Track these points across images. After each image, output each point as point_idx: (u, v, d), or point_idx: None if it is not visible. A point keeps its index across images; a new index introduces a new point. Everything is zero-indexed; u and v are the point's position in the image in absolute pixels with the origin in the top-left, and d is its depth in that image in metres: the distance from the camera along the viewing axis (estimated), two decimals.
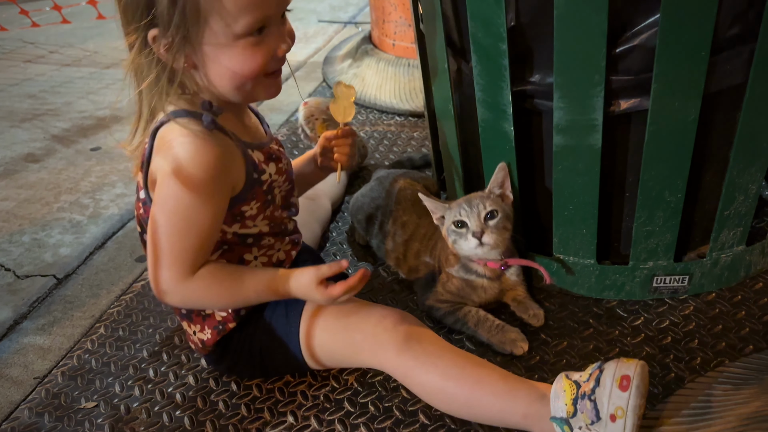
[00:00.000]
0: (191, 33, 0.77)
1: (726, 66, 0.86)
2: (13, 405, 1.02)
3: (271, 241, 0.94)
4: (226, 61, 0.80)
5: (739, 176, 0.96)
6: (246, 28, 0.78)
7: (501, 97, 0.96)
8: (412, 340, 0.86)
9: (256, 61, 0.80)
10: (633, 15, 0.84)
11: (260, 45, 0.80)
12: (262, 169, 0.88)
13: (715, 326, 1.00)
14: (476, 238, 0.96)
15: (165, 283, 0.83)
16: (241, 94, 0.84)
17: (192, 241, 0.82)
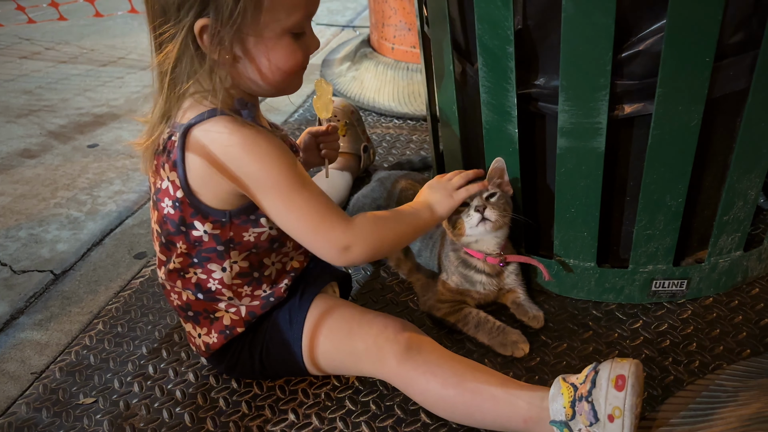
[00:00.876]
0: (243, 25, 0.77)
1: (729, 72, 0.87)
2: (10, 400, 1.01)
3: (289, 249, 0.95)
4: (271, 55, 0.81)
5: (738, 181, 0.98)
6: (295, 25, 0.80)
7: (506, 100, 0.96)
8: (413, 349, 0.87)
9: (297, 58, 0.82)
10: (639, 20, 0.85)
11: (301, 42, 0.82)
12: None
13: (712, 330, 1.01)
14: (479, 212, 0.98)
15: (342, 239, 0.83)
16: (276, 89, 0.85)
17: (325, 198, 0.84)
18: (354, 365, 0.92)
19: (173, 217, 0.86)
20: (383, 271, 1.21)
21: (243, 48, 0.79)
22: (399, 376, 0.88)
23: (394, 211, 0.93)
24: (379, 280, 1.19)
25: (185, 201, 0.84)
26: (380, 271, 1.21)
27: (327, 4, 2.97)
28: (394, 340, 0.87)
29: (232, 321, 0.93)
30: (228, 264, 0.90)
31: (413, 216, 0.93)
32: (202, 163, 0.81)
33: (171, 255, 0.90)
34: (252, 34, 0.78)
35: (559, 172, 0.98)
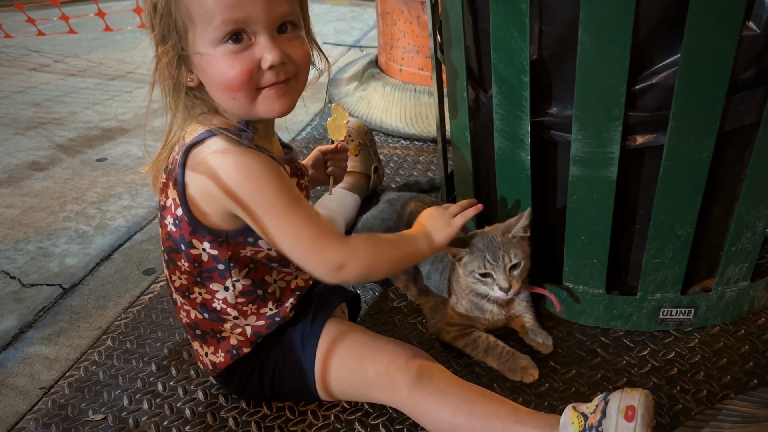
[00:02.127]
0: (182, 43, 0.79)
1: (741, 106, 0.89)
2: (18, 415, 1.01)
3: (292, 268, 0.95)
4: (209, 70, 0.79)
5: (747, 213, 0.99)
6: (222, 29, 0.77)
7: (519, 127, 0.98)
8: (423, 377, 0.88)
9: (233, 70, 0.78)
10: (653, 54, 0.87)
11: (241, 54, 0.78)
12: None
13: (720, 359, 1.02)
14: (503, 291, 0.99)
15: (336, 257, 0.83)
16: (237, 108, 0.83)
17: (320, 218, 0.84)
18: (365, 392, 0.93)
19: (175, 235, 0.88)
20: (392, 293, 1.22)
21: (196, 68, 0.81)
22: (410, 404, 0.89)
23: (393, 236, 0.94)
24: (387, 301, 1.20)
25: (184, 219, 0.85)
26: (389, 293, 1.22)
27: (334, 23, 3.00)
28: (405, 368, 0.88)
29: (239, 341, 0.94)
30: (230, 283, 0.90)
31: (411, 242, 0.94)
32: (200, 182, 0.83)
33: (175, 272, 0.92)
34: (193, 51, 0.79)
35: (571, 199, 1.00)
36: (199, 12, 0.77)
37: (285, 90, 0.82)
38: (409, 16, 1.94)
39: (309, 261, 0.84)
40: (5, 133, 2.01)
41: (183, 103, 0.83)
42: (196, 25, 0.77)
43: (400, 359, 0.89)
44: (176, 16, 0.77)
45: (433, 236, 0.95)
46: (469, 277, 1.01)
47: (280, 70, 0.80)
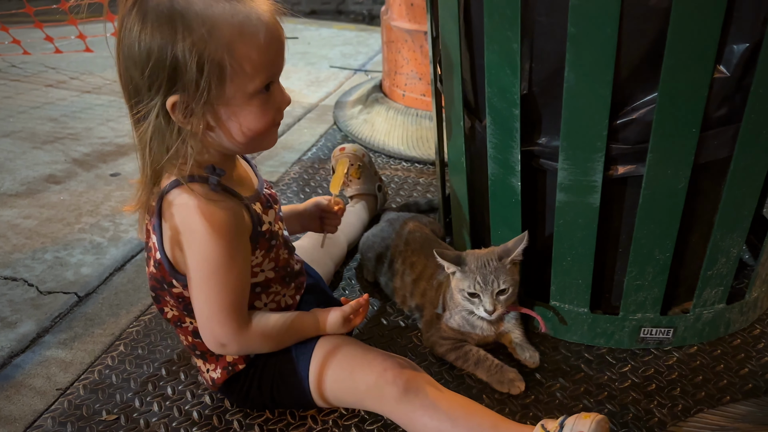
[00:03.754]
0: (211, 96, 0.82)
1: (714, 141, 0.96)
2: (36, 413, 1.08)
3: (278, 288, 1.02)
4: (241, 119, 0.86)
5: (722, 240, 1.06)
6: (259, 88, 0.84)
7: (511, 155, 1.06)
8: (411, 392, 0.93)
9: (267, 117, 0.87)
10: (633, 92, 0.95)
11: (269, 101, 0.87)
12: (263, 220, 0.95)
13: (696, 377, 1.09)
14: (487, 313, 1.06)
15: (223, 337, 0.92)
16: (249, 148, 0.91)
17: (235, 296, 0.90)
18: (358, 402, 1.00)
19: (156, 276, 0.94)
20: (389, 307, 1.29)
21: (215, 116, 0.85)
22: (398, 415, 0.95)
23: (288, 328, 0.98)
24: (385, 315, 1.27)
25: (162, 264, 0.91)
26: (386, 307, 1.29)
27: (340, 48, 3.10)
28: (393, 382, 0.93)
29: (233, 359, 1.00)
30: None
31: (300, 334, 1.00)
32: (169, 230, 0.88)
33: (165, 306, 0.99)
34: (221, 104, 0.83)
35: (558, 223, 1.07)
36: (245, 68, 0.82)
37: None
38: (413, 45, 2.04)
39: (202, 327, 0.93)
40: (23, 146, 2.10)
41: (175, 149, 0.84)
42: (235, 76, 0.82)
43: (388, 373, 0.94)
44: (226, 72, 0.81)
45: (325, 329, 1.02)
46: (458, 294, 1.08)
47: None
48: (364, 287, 1.35)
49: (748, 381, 1.07)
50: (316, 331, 1.01)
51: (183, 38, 0.79)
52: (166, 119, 0.83)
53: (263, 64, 0.83)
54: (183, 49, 0.78)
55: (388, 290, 1.30)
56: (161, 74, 0.80)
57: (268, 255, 0.97)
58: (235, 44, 0.81)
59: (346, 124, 2.18)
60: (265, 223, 0.95)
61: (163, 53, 0.79)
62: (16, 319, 1.30)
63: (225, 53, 0.80)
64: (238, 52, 0.81)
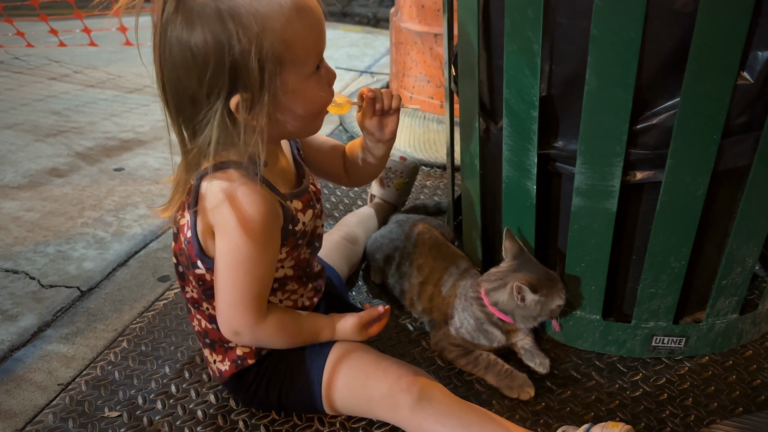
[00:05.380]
0: (273, 87, 0.81)
1: (734, 149, 0.95)
2: (37, 409, 1.06)
3: (295, 287, 1.00)
4: (302, 102, 0.86)
5: (738, 249, 1.05)
6: (314, 63, 0.85)
7: (527, 158, 1.04)
8: (424, 400, 0.92)
9: (326, 94, 0.89)
10: (654, 97, 0.94)
11: (323, 78, 0.88)
12: (298, 219, 0.93)
13: (708, 387, 1.07)
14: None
15: (240, 326, 0.90)
16: (305, 131, 0.93)
17: (259, 287, 0.89)
18: (369, 411, 0.98)
19: (186, 252, 0.92)
20: (397, 310, 1.27)
21: (277, 106, 0.84)
22: (411, 424, 0.93)
23: (303, 327, 0.97)
24: (393, 318, 1.25)
25: (191, 242, 0.90)
26: (395, 310, 1.27)
27: (346, 49, 3.09)
28: (407, 390, 0.92)
29: (244, 353, 0.99)
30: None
31: (314, 336, 0.98)
32: (204, 212, 0.87)
33: (187, 285, 0.97)
34: (282, 93, 0.83)
35: (572, 228, 1.06)
36: (299, 53, 0.82)
37: None
38: (422, 47, 2.02)
39: (221, 313, 0.90)
40: (26, 139, 2.08)
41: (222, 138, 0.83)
42: (291, 64, 0.82)
43: (403, 381, 0.93)
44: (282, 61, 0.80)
45: (338, 336, 0.99)
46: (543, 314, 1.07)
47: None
48: (371, 289, 1.34)
49: (760, 393, 1.06)
50: (330, 334, 0.99)
51: (239, 38, 0.77)
52: (231, 120, 0.82)
53: (313, 45, 0.84)
54: (241, 49, 0.77)
55: (396, 292, 1.28)
56: (221, 78, 0.78)
57: (291, 253, 0.95)
58: (288, 33, 0.80)
59: (353, 125, 2.16)
60: (299, 222, 0.93)
61: (222, 56, 0.77)
62: (17, 312, 1.28)
63: (281, 45, 0.80)
64: (292, 41, 0.81)
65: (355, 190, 1.73)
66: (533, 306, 1.04)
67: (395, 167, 1.50)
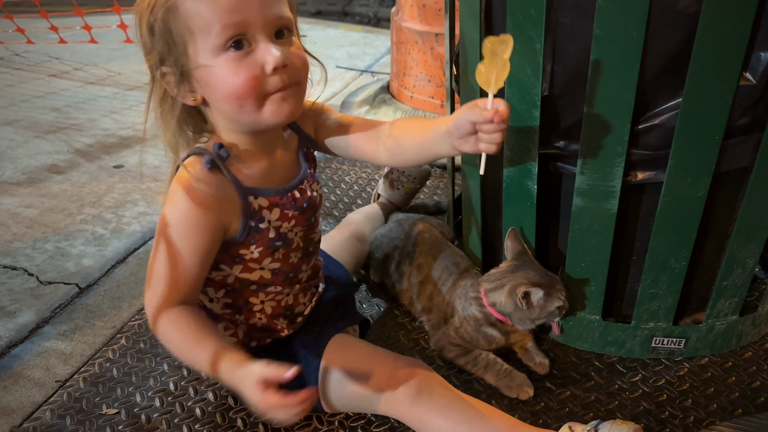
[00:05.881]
0: (182, 60, 0.79)
1: (736, 150, 0.95)
2: (34, 405, 1.05)
3: (279, 289, 0.97)
4: (213, 81, 0.79)
5: (738, 250, 1.05)
6: (223, 36, 0.77)
7: (528, 158, 1.04)
8: (424, 393, 0.91)
9: (239, 78, 0.78)
10: (657, 97, 0.93)
11: (244, 60, 0.78)
12: (262, 216, 0.89)
13: (707, 388, 1.07)
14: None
15: (147, 309, 0.87)
16: (245, 117, 0.83)
17: (174, 275, 0.85)
18: (368, 406, 0.97)
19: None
20: (396, 309, 1.27)
21: (202, 85, 0.81)
22: (411, 418, 0.92)
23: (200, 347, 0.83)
24: (391, 316, 1.25)
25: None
26: (393, 309, 1.27)
27: (347, 48, 3.09)
28: (405, 384, 0.91)
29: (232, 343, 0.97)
30: (213, 296, 0.96)
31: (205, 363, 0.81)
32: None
33: None
34: (195, 66, 0.79)
35: (573, 228, 1.06)
36: (198, 23, 0.77)
37: (290, 93, 0.82)
38: (423, 47, 2.02)
39: (145, 290, 0.87)
40: (25, 135, 2.07)
41: (178, 124, 0.84)
42: (196, 37, 0.77)
43: (400, 375, 0.92)
44: (175, 32, 0.78)
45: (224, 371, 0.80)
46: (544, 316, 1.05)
47: (284, 73, 0.81)
48: (371, 288, 1.34)
49: (760, 394, 1.06)
50: (227, 374, 0.79)
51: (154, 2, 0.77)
52: (163, 92, 0.82)
53: (219, 13, 0.76)
54: (155, 14, 0.77)
55: (395, 291, 1.28)
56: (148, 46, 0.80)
57: (269, 254, 0.92)
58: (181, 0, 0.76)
59: None
60: (265, 220, 0.90)
61: (144, 22, 0.78)
62: (16, 308, 1.28)
63: (186, 11, 0.76)
64: (183, 6, 0.76)
65: (355, 189, 1.73)
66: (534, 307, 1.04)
67: (410, 171, 1.49)
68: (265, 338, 1.00)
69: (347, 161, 1.88)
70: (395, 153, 0.96)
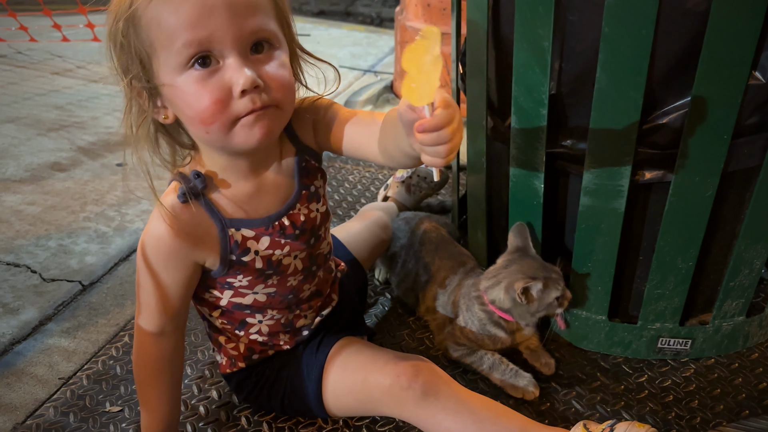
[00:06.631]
0: (148, 75, 0.72)
1: (744, 149, 0.95)
2: (38, 402, 1.05)
3: (274, 312, 0.94)
4: (178, 101, 0.73)
5: (746, 251, 1.04)
6: (185, 53, 0.70)
7: (535, 157, 1.04)
8: (430, 395, 0.87)
9: (202, 101, 0.71)
10: (665, 96, 0.93)
11: (209, 80, 0.71)
12: (248, 248, 0.85)
13: (714, 389, 1.07)
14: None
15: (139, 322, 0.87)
16: (213, 142, 0.77)
17: (145, 298, 0.84)
18: (373, 410, 0.94)
19: None
20: (400, 308, 1.26)
21: (171, 103, 0.75)
22: (418, 419, 0.89)
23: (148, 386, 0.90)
24: (396, 316, 1.24)
25: None
26: (397, 308, 1.26)
27: (350, 48, 3.08)
28: (409, 387, 0.87)
29: (233, 355, 0.97)
30: (208, 314, 0.95)
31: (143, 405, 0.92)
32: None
33: None
34: (159, 83, 0.73)
35: (580, 228, 1.05)
36: (159, 36, 0.70)
37: (263, 115, 0.74)
38: None
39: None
40: (28, 133, 2.07)
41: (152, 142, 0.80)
42: (158, 52, 0.71)
43: (403, 378, 0.88)
44: (136, 45, 0.71)
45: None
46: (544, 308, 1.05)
47: (256, 96, 0.72)
48: (375, 287, 1.33)
49: (767, 396, 1.05)
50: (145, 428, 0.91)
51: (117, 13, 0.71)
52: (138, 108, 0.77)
53: (180, 26, 0.69)
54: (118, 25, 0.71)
55: (400, 291, 1.28)
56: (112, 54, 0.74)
57: (259, 281, 0.89)
58: (153, 9, 0.69)
59: None
60: (251, 252, 0.85)
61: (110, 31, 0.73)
62: (18, 305, 1.27)
63: (149, 23, 0.69)
64: (155, 19, 0.69)
65: (359, 188, 1.73)
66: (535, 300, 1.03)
67: (431, 180, 1.48)
68: (267, 351, 0.98)
69: (351, 159, 1.87)
70: (383, 148, 0.81)
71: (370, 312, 1.25)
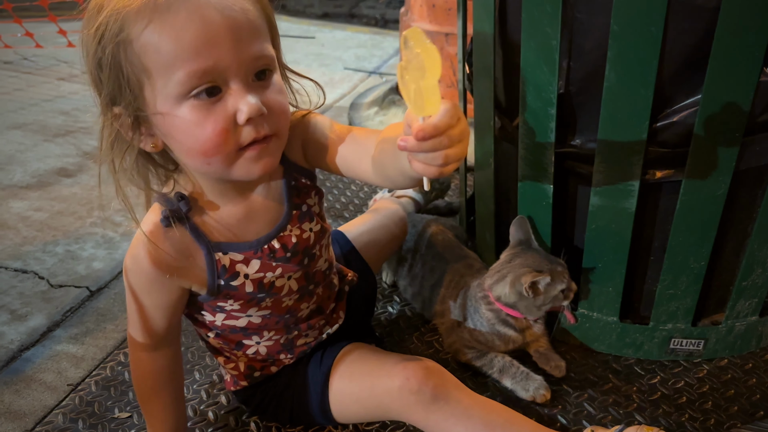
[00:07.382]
0: (137, 103, 0.68)
1: (756, 147, 0.93)
2: (47, 409, 1.04)
3: (271, 333, 0.92)
4: (175, 132, 0.69)
5: (759, 249, 1.03)
6: (187, 84, 0.66)
7: (544, 157, 1.03)
8: (440, 400, 0.85)
9: (205, 131, 0.67)
10: (675, 93, 0.92)
11: (211, 109, 0.67)
12: (237, 272, 0.82)
13: (727, 390, 1.05)
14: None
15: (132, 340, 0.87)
16: (212, 174, 0.74)
17: (133, 318, 0.84)
18: (383, 416, 0.93)
19: None
20: (409, 311, 1.25)
21: (163, 132, 0.70)
22: (428, 425, 0.87)
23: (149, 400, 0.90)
24: (404, 319, 1.23)
25: None
26: (406, 311, 1.26)
27: (354, 50, 3.08)
28: (419, 391, 0.85)
29: (233, 375, 0.96)
30: (203, 334, 0.93)
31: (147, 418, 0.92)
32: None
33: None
34: (152, 111, 0.68)
35: (590, 228, 1.04)
36: (156, 62, 0.65)
37: (266, 148, 0.72)
38: None
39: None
40: (34, 139, 2.07)
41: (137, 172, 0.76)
42: (154, 79, 0.66)
43: (413, 381, 0.85)
44: (127, 70, 0.66)
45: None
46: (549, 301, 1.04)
47: (260, 124, 0.70)
48: (382, 290, 1.32)
49: None
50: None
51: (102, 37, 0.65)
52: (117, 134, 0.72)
53: (182, 55, 0.65)
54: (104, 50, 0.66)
55: (407, 294, 1.27)
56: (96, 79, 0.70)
57: (252, 305, 0.86)
58: (148, 36, 0.64)
59: (362, 125, 2.15)
60: (240, 276, 0.82)
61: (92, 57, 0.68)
62: (27, 312, 1.27)
63: (142, 50, 0.65)
64: (151, 47, 0.64)
65: (365, 191, 1.72)
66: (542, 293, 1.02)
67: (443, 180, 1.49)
68: (269, 367, 0.96)
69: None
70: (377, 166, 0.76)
71: (378, 316, 1.24)
